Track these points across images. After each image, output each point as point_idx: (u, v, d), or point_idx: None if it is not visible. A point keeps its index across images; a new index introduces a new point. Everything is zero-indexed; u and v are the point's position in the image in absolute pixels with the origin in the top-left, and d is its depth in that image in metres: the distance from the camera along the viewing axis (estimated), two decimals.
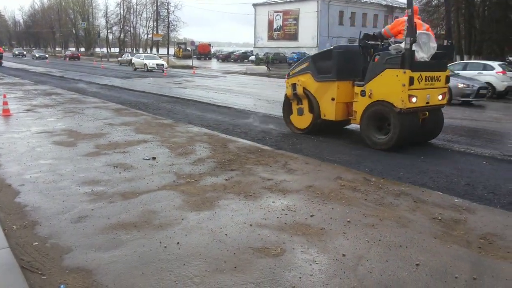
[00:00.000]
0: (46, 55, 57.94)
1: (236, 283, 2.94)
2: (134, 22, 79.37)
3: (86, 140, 7.37)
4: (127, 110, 11.39)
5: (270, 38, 57.00)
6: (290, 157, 6.52)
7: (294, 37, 53.74)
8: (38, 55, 56.69)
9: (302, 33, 52.58)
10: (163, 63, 32.79)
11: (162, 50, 65.81)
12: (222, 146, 7.08)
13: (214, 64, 51.47)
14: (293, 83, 8.32)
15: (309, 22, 51.09)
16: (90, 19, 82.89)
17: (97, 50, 77.68)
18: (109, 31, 79.95)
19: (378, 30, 7.95)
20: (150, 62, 31.82)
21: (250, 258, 3.30)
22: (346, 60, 7.68)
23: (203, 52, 63.73)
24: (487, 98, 15.77)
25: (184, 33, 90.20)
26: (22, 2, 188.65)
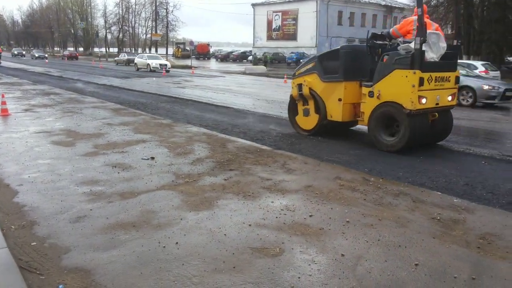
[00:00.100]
0: (45, 55, 57.15)
1: (235, 283, 2.94)
2: (133, 22, 79.47)
3: (85, 140, 7.36)
4: (126, 110, 11.37)
5: (269, 38, 57.02)
6: (289, 157, 6.52)
7: (293, 37, 53.77)
8: (37, 55, 56.00)
9: (301, 33, 52.60)
10: (166, 63, 32.20)
11: (161, 50, 65.84)
12: (221, 146, 7.08)
13: (213, 64, 51.45)
14: (299, 83, 8.16)
15: (308, 22, 51.13)
16: (89, 19, 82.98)
17: (95, 50, 77.66)
18: (107, 31, 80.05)
19: (387, 30, 7.81)
20: (153, 62, 31.26)
21: (249, 258, 3.30)
22: (353, 60, 7.55)
23: (202, 52, 63.68)
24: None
25: (183, 33, 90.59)
26: (20, 1, 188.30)
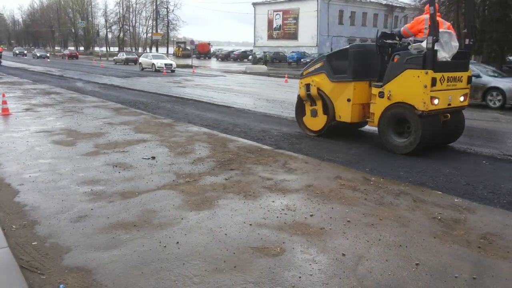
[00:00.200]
0: (47, 54, 56.23)
1: (235, 283, 2.94)
2: (134, 21, 79.60)
3: (86, 139, 7.36)
4: (127, 109, 11.38)
5: (270, 37, 57.00)
6: (289, 156, 6.52)
7: (294, 36, 53.74)
8: (39, 54, 55.10)
9: (302, 32, 52.57)
10: (172, 63, 31.48)
11: (162, 49, 65.83)
12: (222, 146, 7.08)
13: (213, 63, 51.44)
14: (306, 83, 8.02)
15: (308, 21, 51.08)
16: (89, 18, 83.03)
17: (96, 49, 77.65)
18: (108, 30, 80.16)
19: (397, 29, 7.65)
20: (158, 62, 30.58)
21: (249, 257, 3.30)
22: (363, 59, 7.41)
23: (203, 51, 63.69)
24: None
25: (183, 32, 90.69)
26: (21, 1, 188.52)
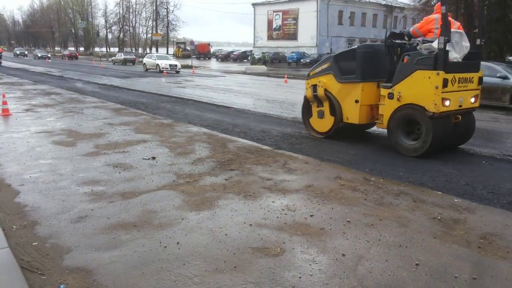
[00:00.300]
0: (48, 55, 55.55)
1: (236, 283, 2.95)
2: (134, 22, 79.62)
3: (86, 140, 7.37)
4: (127, 109, 11.39)
5: (270, 37, 57.05)
6: (289, 156, 6.53)
7: (294, 36, 53.78)
8: (40, 55, 54.48)
9: (302, 32, 52.62)
10: (177, 64, 30.80)
11: (162, 50, 65.79)
12: (222, 146, 7.08)
13: (213, 63, 51.44)
14: (313, 84, 7.90)
15: (308, 21, 51.14)
16: (89, 19, 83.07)
17: (96, 49, 77.65)
18: (108, 31, 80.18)
19: (407, 29, 7.47)
20: (163, 63, 30.00)
21: (250, 258, 3.31)
22: (371, 60, 7.29)
23: (203, 51, 63.68)
24: None
25: (183, 32, 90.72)
26: (21, 1, 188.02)
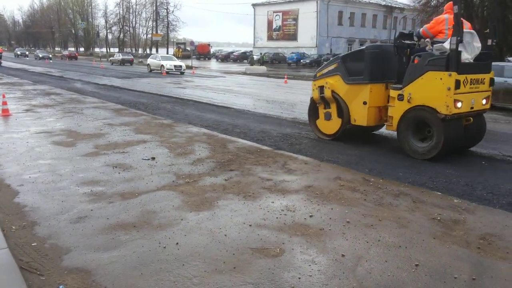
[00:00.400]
0: (49, 56, 55.15)
1: (235, 284, 2.94)
2: (134, 22, 79.73)
3: (86, 140, 7.37)
4: (127, 110, 11.38)
5: (270, 38, 57.08)
6: (289, 157, 6.53)
7: (294, 37, 53.81)
8: (41, 55, 53.83)
9: (301, 33, 52.65)
10: (181, 64, 30.23)
11: (162, 50, 65.82)
12: (222, 146, 7.08)
13: (213, 64, 51.46)
14: (320, 86, 7.78)
15: (308, 22, 51.17)
16: (90, 19, 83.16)
17: (96, 50, 77.66)
18: (108, 31, 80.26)
19: (417, 30, 7.36)
20: (168, 64, 29.51)
21: (249, 258, 3.30)
22: (379, 60, 7.17)
23: (203, 52, 63.72)
24: None
25: (183, 33, 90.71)
26: (21, 2, 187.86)
